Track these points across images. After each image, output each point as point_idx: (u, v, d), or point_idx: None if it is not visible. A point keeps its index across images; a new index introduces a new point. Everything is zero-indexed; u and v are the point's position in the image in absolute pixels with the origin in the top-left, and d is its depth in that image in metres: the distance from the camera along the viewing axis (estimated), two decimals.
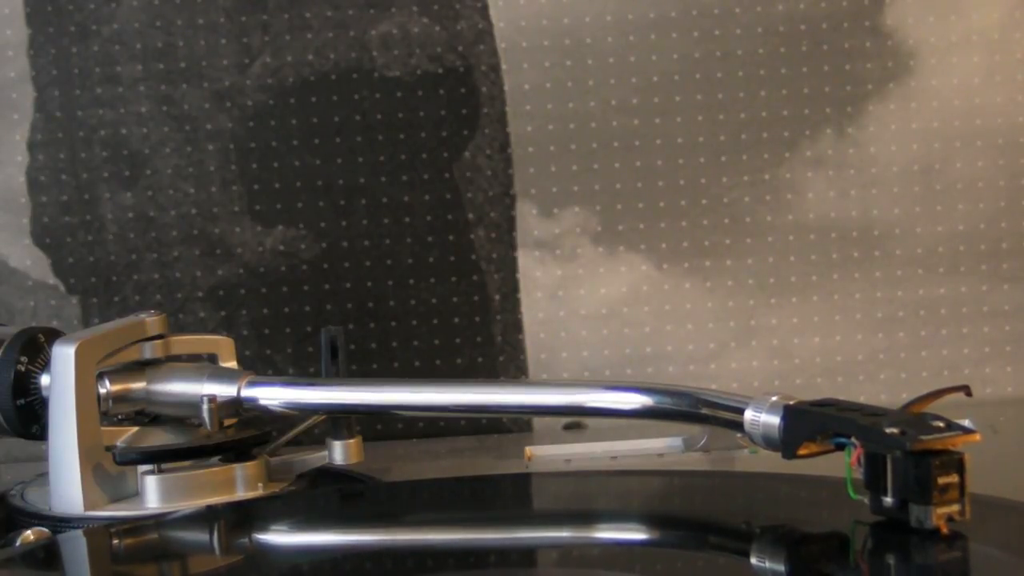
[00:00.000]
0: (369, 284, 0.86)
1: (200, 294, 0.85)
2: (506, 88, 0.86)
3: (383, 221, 0.86)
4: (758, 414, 0.54)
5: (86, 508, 0.62)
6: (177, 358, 0.67)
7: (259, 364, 0.84)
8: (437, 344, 0.86)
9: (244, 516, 0.60)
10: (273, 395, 0.65)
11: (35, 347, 0.65)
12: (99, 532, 0.58)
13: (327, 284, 0.85)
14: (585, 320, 0.86)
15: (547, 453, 0.74)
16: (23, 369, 0.64)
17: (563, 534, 0.57)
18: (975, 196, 0.87)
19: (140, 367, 0.66)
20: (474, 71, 0.85)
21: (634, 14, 0.85)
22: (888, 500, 0.49)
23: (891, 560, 0.49)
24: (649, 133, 0.86)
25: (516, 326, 0.86)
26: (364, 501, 0.64)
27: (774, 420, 0.53)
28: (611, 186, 0.86)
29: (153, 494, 0.62)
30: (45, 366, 0.64)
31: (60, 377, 0.63)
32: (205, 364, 0.68)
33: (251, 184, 0.85)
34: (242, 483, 0.63)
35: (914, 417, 0.49)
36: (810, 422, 0.52)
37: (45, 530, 0.60)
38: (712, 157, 0.86)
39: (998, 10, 0.86)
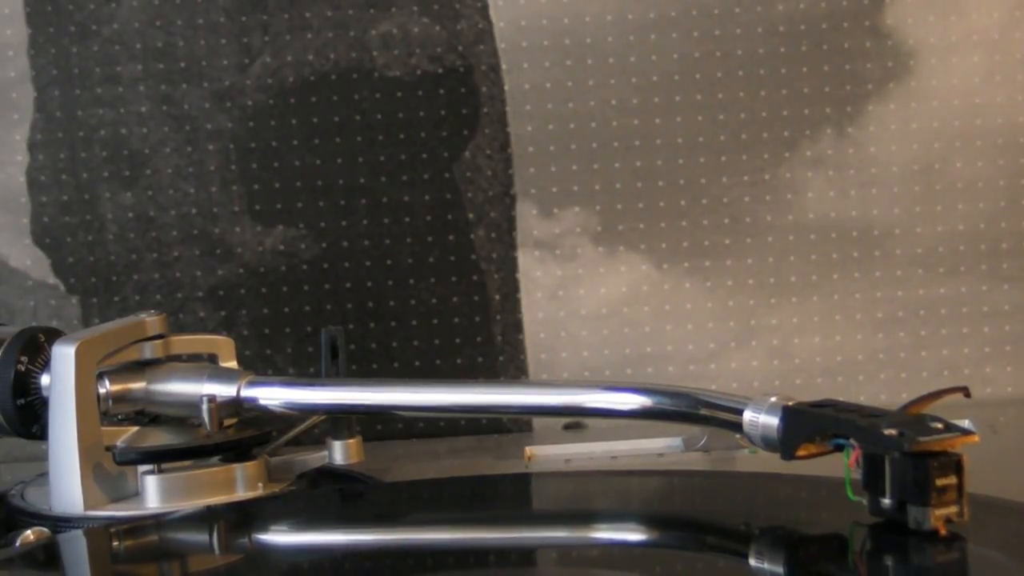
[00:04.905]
0: (369, 284, 0.86)
1: (200, 294, 0.85)
2: (506, 88, 0.86)
3: (383, 221, 0.86)
4: (757, 415, 0.54)
5: (86, 508, 0.62)
6: (177, 358, 0.67)
7: (259, 364, 0.84)
8: (437, 344, 0.86)
9: (244, 516, 0.60)
10: (273, 395, 0.64)
11: (35, 347, 0.65)
12: (99, 532, 0.58)
13: (327, 284, 0.85)
14: (585, 320, 0.86)
15: (547, 453, 0.74)
16: (23, 369, 0.64)
17: (563, 534, 0.57)
18: (975, 196, 0.87)
19: (140, 367, 0.66)
20: (474, 71, 0.85)
21: (634, 14, 0.85)
22: (886, 501, 0.49)
23: (889, 562, 0.49)
24: (649, 133, 0.86)
25: (516, 326, 0.86)
26: (364, 501, 0.64)
27: (773, 421, 0.53)
28: (611, 186, 0.86)
29: (153, 494, 0.62)
30: (45, 366, 0.64)
31: (60, 377, 0.63)
32: (205, 364, 0.68)
33: (251, 184, 0.85)
34: (242, 483, 0.63)
35: (913, 418, 0.49)
36: (809, 423, 0.52)
37: (45, 530, 0.60)
38: (712, 157, 0.86)
39: (998, 10, 0.86)
